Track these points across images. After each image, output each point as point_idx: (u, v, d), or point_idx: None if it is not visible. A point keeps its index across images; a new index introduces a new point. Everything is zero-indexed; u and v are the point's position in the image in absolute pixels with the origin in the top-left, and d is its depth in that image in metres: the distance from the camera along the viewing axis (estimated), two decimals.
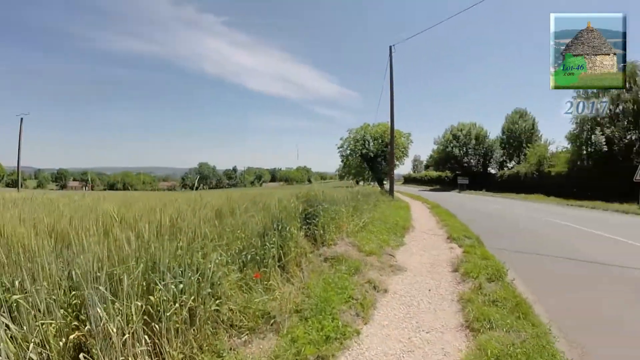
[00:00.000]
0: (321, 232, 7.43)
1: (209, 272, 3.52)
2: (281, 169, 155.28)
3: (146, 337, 2.95)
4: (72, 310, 2.96)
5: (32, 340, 2.55)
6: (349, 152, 35.29)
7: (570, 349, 3.70)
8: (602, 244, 9.59)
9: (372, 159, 33.81)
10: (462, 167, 51.25)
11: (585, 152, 27.65)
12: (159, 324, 3.07)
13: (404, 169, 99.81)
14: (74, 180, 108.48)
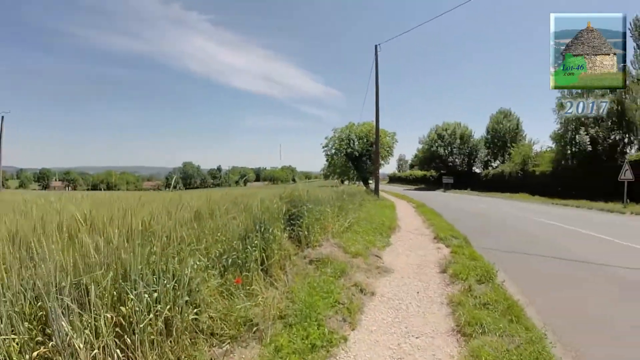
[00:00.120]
0: (306, 233, 7.30)
1: (186, 279, 3.34)
2: (266, 168, 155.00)
3: (118, 351, 2.78)
4: (37, 323, 2.76)
5: None
6: (334, 151, 35.40)
7: (564, 352, 3.66)
8: (588, 243, 9.72)
9: (357, 158, 33.96)
10: (447, 166, 52.06)
11: (569, 151, 28.32)
12: (132, 336, 2.90)
13: (388, 168, 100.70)
14: (57, 180, 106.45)
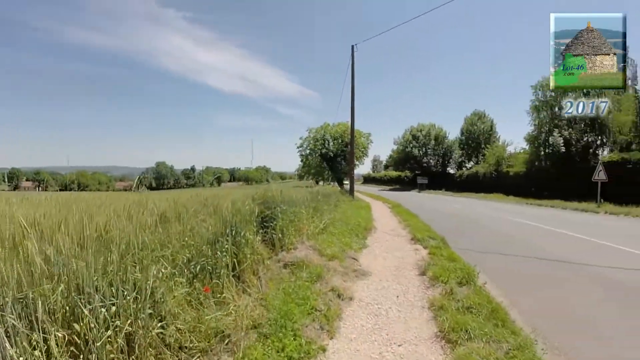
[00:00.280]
0: (280, 236, 7.10)
1: (148, 289, 3.09)
2: (240, 168, 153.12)
3: None
4: None
5: None
6: (308, 151, 35.30)
7: (553, 356, 3.63)
8: (566, 242, 9.95)
9: (332, 159, 33.97)
10: (422, 167, 52.99)
11: (543, 153, 29.36)
12: (90, 355, 2.63)
13: (363, 168, 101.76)
14: (27, 180, 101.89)
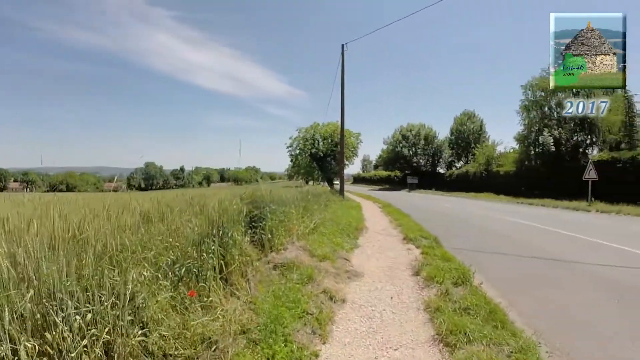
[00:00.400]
0: (269, 236, 6.93)
1: (128, 294, 2.91)
2: (230, 169, 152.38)
3: None
4: None
5: None
6: (298, 151, 35.13)
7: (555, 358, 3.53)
8: (559, 241, 9.98)
9: (321, 159, 33.87)
10: (412, 166, 53.35)
11: (533, 152, 29.74)
12: None
13: (353, 168, 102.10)
14: (15, 181, 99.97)
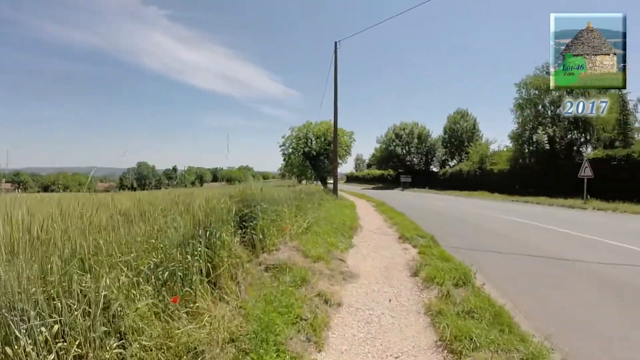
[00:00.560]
0: (260, 236, 6.68)
1: (102, 301, 2.64)
2: (222, 168, 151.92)
3: None
4: None
5: None
6: (291, 150, 34.87)
7: None
8: (557, 239, 9.89)
9: (314, 158, 33.65)
10: (405, 165, 53.55)
11: (527, 150, 30.03)
12: None
13: (346, 167, 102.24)
14: (7, 182, 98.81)
